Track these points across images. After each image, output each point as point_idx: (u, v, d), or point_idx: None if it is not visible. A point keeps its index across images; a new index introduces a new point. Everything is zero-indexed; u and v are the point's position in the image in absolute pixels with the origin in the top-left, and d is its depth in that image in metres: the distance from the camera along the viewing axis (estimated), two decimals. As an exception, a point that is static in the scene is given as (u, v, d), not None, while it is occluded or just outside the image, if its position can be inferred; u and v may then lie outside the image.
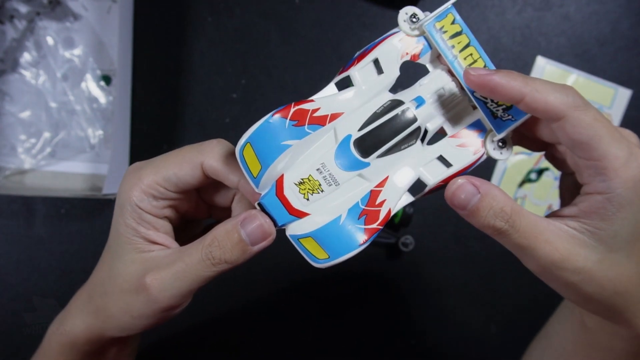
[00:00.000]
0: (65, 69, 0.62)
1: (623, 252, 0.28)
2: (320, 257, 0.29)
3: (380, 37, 0.30)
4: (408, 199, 0.31)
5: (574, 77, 0.64)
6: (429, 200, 0.64)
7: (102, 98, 0.63)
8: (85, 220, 0.62)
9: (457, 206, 0.30)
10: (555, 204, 0.65)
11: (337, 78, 0.30)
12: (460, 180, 0.29)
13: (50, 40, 0.62)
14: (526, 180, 0.65)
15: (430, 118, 0.30)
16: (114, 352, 0.37)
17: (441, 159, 0.31)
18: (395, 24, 0.30)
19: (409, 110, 0.30)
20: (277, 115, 0.28)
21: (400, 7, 0.30)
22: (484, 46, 0.70)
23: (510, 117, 0.30)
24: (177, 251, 0.32)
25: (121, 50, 0.58)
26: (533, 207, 0.64)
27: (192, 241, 0.32)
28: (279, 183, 0.29)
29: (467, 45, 0.30)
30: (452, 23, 0.30)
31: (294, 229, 0.30)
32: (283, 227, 0.30)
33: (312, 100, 0.29)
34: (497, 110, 0.30)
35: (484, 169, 0.65)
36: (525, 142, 0.33)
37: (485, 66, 0.30)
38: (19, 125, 0.62)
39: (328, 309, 0.64)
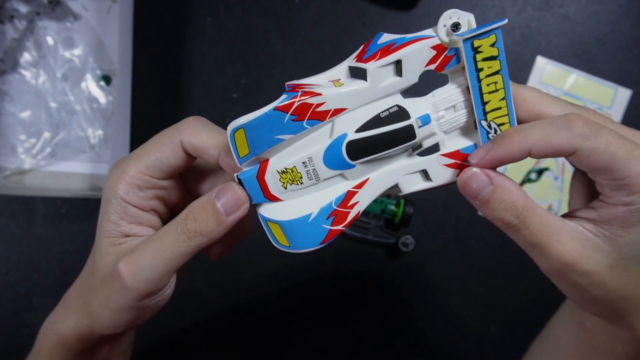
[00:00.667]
0: (65, 69, 0.62)
1: (636, 260, 0.28)
2: (281, 242, 0.30)
3: (412, 36, 0.28)
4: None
5: (574, 77, 0.64)
6: (429, 200, 0.64)
7: (102, 98, 0.63)
8: (85, 220, 0.62)
9: (467, 195, 0.29)
10: (555, 204, 0.65)
11: (354, 63, 0.29)
12: (474, 169, 0.29)
13: (50, 40, 0.62)
14: (526, 180, 0.65)
15: (430, 136, 0.30)
16: (106, 350, 0.37)
17: (424, 172, 0.31)
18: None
19: (412, 127, 0.29)
20: (278, 110, 0.27)
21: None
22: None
23: None
24: (152, 234, 0.31)
25: (121, 50, 0.58)
26: (533, 207, 0.64)
27: None
28: (263, 167, 0.29)
29: (496, 72, 0.28)
30: (492, 45, 0.28)
31: (265, 210, 0.30)
32: (255, 204, 0.30)
33: (319, 94, 0.28)
34: None
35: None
36: None
37: (504, 98, 0.28)
38: (19, 125, 0.62)
39: (327, 309, 0.64)
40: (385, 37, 0.29)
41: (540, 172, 0.65)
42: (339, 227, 0.30)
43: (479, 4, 0.64)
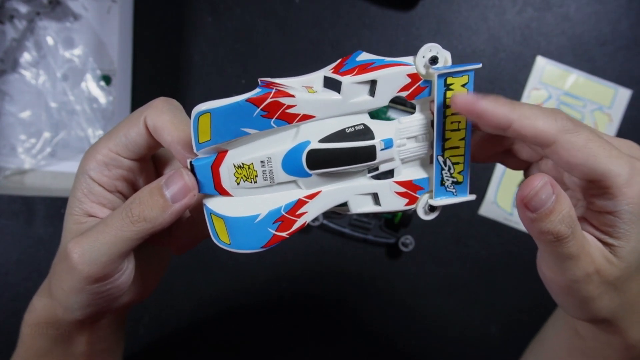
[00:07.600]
0: (65, 69, 0.62)
1: (636, 268, 0.28)
2: (222, 239, 0.29)
3: (391, 60, 0.29)
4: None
5: (574, 77, 0.64)
6: (429, 200, 0.64)
7: (102, 98, 0.63)
8: (85, 220, 0.62)
9: (535, 206, 0.26)
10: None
11: (331, 74, 0.29)
12: (545, 176, 0.26)
13: (50, 40, 0.62)
14: (526, 180, 0.65)
15: (389, 161, 0.30)
16: (84, 345, 0.36)
17: (374, 196, 0.31)
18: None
19: (374, 148, 0.29)
20: (249, 102, 0.27)
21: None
22: (483, 46, 0.70)
23: (454, 190, 0.31)
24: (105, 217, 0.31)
25: (121, 50, 0.58)
26: (533, 207, 0.64)
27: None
28: (219, 158, 0.29)
29: None
30: (463, 85, 0.29)
31: (212, 203, 0.30)
32: (203, 197, 0.30)
33: (292, 96, 0.28)
34: (448, 180, 0.30)
35: (483, 168, 0.65)
36: (507, 161, 0.33)
37: (463, 139, 0.29)
38: (19, 125, 0.62)
39: (327, 309, 0.64)
40: (365, 56, 0.29)
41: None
42: (283, 234, 0.29)
43: (479, 4, 0.64)
